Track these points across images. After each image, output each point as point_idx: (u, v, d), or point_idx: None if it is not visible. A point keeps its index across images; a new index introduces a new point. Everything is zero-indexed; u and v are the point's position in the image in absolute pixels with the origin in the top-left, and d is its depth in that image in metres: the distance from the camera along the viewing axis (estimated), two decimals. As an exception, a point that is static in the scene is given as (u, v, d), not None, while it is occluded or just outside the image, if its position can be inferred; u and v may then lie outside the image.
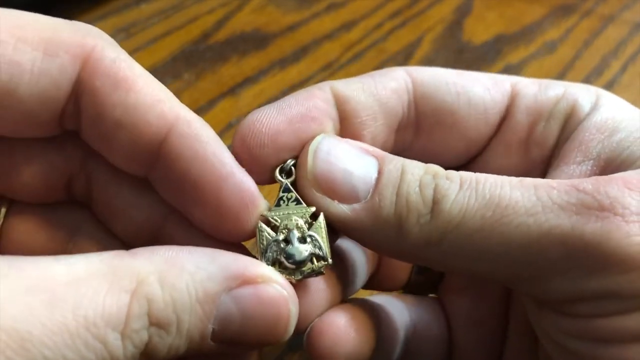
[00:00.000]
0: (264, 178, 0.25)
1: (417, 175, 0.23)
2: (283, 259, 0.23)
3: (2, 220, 0.26)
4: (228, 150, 0.24)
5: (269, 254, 0.23)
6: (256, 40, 0.58)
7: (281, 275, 0.23)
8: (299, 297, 0.23)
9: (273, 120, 0.24)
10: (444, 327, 0.30)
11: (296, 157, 0.25)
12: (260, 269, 0.22)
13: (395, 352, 0.29)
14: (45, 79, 0.22)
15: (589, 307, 0.21)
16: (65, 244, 0.26)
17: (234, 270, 0.21)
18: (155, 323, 0.19)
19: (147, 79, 0.23)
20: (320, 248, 0.24)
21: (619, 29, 0.62)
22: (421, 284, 0.32)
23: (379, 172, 0.23)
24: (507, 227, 0.21)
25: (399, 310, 0.30)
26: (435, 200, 0.22)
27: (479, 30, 0.62)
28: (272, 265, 0.23)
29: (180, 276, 0.20)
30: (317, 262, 0.24)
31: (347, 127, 0.26)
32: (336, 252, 0.27)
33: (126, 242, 0.26)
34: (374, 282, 0.31)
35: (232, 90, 0.52)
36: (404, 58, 0.57)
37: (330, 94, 0.26)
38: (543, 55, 0.58)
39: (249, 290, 0.21)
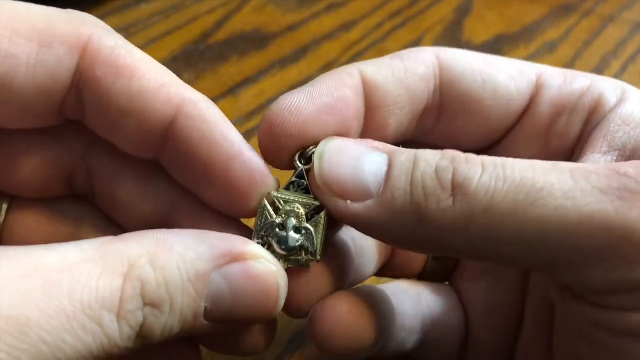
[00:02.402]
0: (285, 165, 0.25)
1: (433, 161, 0.22)
2: (274, 243, 0.24)
3: (4, 216, 0.26)
4: (235, 129, 0.24)
5: (263, 234, 0.24)
6: (256, 40, 0.58)
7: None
8: (300, 280, 0.24)
9: (302, 109, 0.24)
10: (460, 315, 0.30)
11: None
12: (248, 246, 0.22)
13: (409, 340, 0.29)
14: (42, 71, 0.22)
15: (626, 299, 0.21)
16: (69, 239, 0.26)
17: (223, 248, 0.21)
18: (150, 303, 0.19)
19: (149, 63, 0.23)
20: (311, 243, 0.24)
21: (619, 29, 0.62)
22: (437, 272, 0.32)
23: (390, 165, 0.23)
24: (543, 210, 0.20)
25: (414, 298, 0.29)
26: (456, 183, 0.21)
27: (479, 30, 0.62)
28: (264, 245, 0.24)
29: (170, 257, 0.20)
30: (305, 255, 0.24)
31: (373, 115, 0.26)
32: (340, 240, 0.27)
33: None
34: (389, 270, 0.31)
35: (232, 90, 0.52)
36: (404, 58, 0.57)
37: (359, 80, 0.25)
38: (543, 55, 0.58)
39: (238, 267, 0.21)
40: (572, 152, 0.27)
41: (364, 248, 0.29)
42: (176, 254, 0.20)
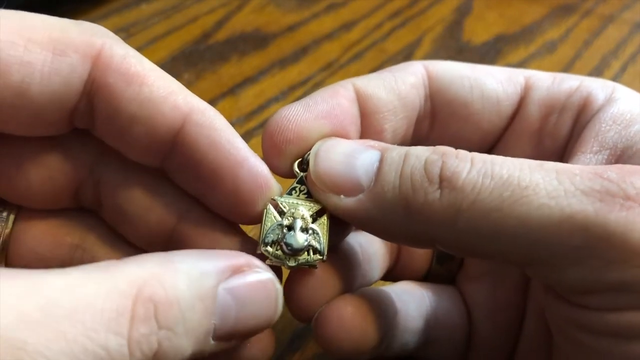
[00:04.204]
0: (288, 172, 0.26)
1: (422, 156, 0.23)
2: (282, 244, 0.24)
3: (11, 226, 0.26)
4: (240, 137, 0.24)
5: (271, 235, 0.24)
6: (256, 40, 0.58)
7: (266, 256, 0.24)
8: (307, 284, 0.25)
9: (299, 117, 0.25)
10: (464, 315, 0.30)
11: None
12: (244, 258, 0.22)
13: (412, 340, 0.29)
14: (56, 78, 0.22)
15: (603, 300, 0.21)
16: (74, 249, 0.27)
17: (223, 263, 0.21)
18: (164, 325, 0.19)
19: (158, 72, 0.24)
20: (319, 242, 0.24)
21: (619, 29, 0.62)
22: (440, 275, 0.32)
23: (381, 160, 0.24)
24: (527, 207, 0.21)
25: (418, 299, 0.30)
26: (443, 177, 0.22)
27: (479, 30, 0.62)
28: (271, 247, 0.24)
29: (177, 276, 0.20)
30: (314, 255, 0.24)
31: (369, 122, 0.27)
32: (348, 246, 0.28)
33: (138, 246, 0.27)
34: (393, 274, 0.32)
35: (232, 91, 0.52)
36: (404, 58, 0.57)
37: (352, 92, 0.27)
38: (543, 55, 0.58)
39: (239, 279, 0.22)
40: (564, 150, 0.27)
41: (371, 254, 0.29)
42: (182, 273, 0.20)
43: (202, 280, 0.20)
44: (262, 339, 0.25)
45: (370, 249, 0.29)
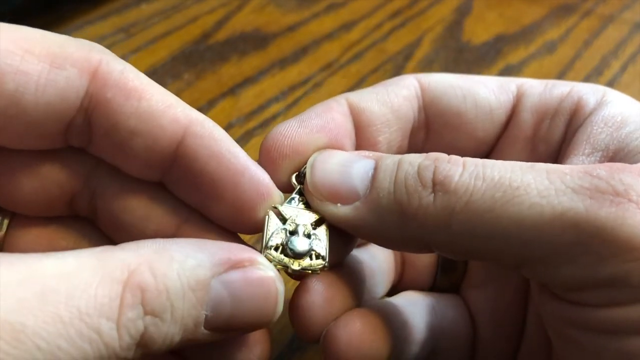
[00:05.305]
0: (287, 187, 0.26)
1: (415, 162, 0.23)
2: (287, 247, 0.24)
3: (4, 231, 0.26)
4: (239, 146, 0.25)
5: (275, 239, 0.24)
6: (256, 40, 0.58)
7: (269, 259, 0.24)
8: (313, 302, 0.25)
9: (294, 132, 0.26)
10: (468, 322, 0.31)
11: None
12: (246, 253, 0.22)
13: (419, 351, 0.29)
14: (52, 91, 0.22)
15: (596, 295, 0.21)
16: None
17: (222, 256, 0.21)
18: (150, 312, 0.19)
19: (155, 86, 0.24)
20: (321, 248, 0.25)
21: (619, 29, 0.62)
22: (445, 288, 0.32)
23: (375, 168, 0.24)
24: (519, 207, 0.21)
25: (424, 310, 0.30)
26: (436, 181, 0.22)
27: (479, 30, 0.62)
28: (275, 250, 0.24)
29: (170, 265, 0.20)
30: (316, 259, 0.24)
31: (363, 135, 0.27)
32: (353, 262, 0.28)
33: None
34: (398, 289, 0.32)
35: (232, 91, 0.52)
36: (403, 58, 0.57)
37: (346, 107, 0.27)
38: (543, 55, 0.58)
39: (237, 274, 0.22)
40: (558, 154, 0.28)
41: (375, 270, 0.30)
42: (176, 262, 0.20)
43: (195, 271, 0.20)
44: (259, 342, 0.25)
45: (375, 264, 0.29)
